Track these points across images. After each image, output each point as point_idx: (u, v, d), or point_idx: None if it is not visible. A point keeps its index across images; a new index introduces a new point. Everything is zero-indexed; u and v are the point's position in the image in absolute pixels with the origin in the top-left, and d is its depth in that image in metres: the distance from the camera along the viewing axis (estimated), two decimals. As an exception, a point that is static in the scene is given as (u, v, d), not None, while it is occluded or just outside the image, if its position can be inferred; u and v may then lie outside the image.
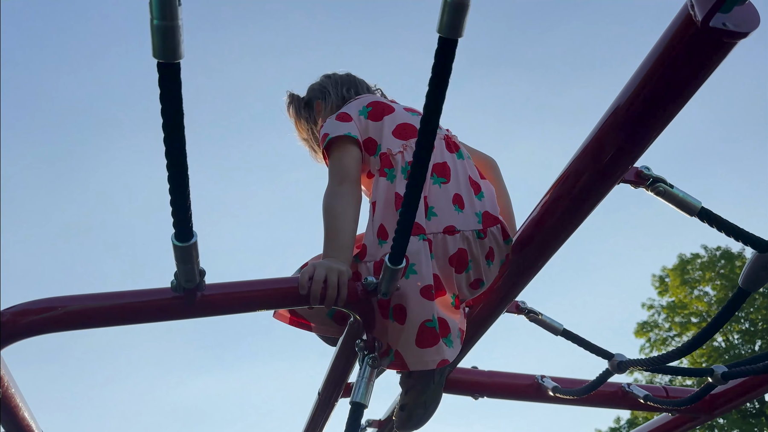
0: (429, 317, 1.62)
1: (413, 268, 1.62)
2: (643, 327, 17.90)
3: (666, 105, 1.31)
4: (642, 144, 1.43)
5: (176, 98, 1.01)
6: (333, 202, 1.69)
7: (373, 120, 1.87)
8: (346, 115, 1.88)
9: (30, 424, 1.66)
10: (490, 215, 1.80)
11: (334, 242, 1.62)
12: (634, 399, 2.65)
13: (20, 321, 1.29)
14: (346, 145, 1.80)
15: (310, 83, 2.18)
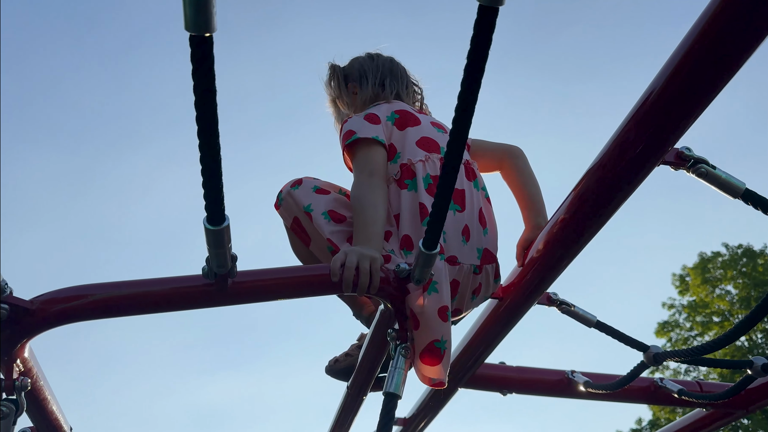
0: (438, 337, 1.61)
1: (435, 286, 1.61)
2: (664, 327, 17.68)
3: (712, 78, 1.26)
4: (683, 123, 1.38)
5: (209, 74, 0.98)
6: (364, 193, 1.70)
7: (398, 128, 1.88)
8: (375, 117, 1.89)
9: (58, 417, 1.64)
10: (489, 253, 1.84)
11: (366, 231, 1.61)
12: (667, 394, 2.58)
13: (49, 309, 1.26)
14: (373, 145, 1.81)
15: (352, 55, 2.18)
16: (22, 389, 1.31)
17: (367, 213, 1.65)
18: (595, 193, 1.57)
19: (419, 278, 1.44)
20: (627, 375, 2.22)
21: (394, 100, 2.04)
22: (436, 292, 1.61)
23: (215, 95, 1.01)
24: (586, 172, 1.58)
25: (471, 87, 1.06)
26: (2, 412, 1.28)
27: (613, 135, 1.51)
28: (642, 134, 1.43)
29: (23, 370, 1.36)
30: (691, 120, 1.39)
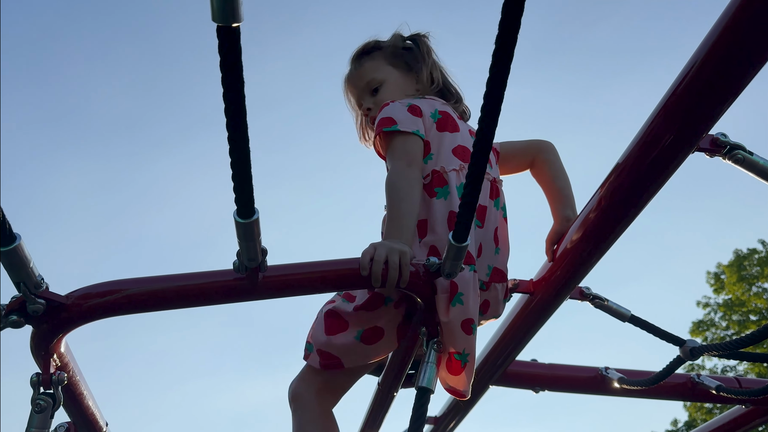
0: (459, 350, 1.60)
1: (461, 297, 1.58)
2: (699, 326, 17.33)
3: (747, 60, 1.23)
4: (718, 108, 1.35)
5: (237, 65, 0.98)
6: (401, 183, 1.66)
7: (438, 129, 1.84)
8: (417, 109, 1.85)
9: (94, 413, 1.66)
10: (499, 271, 1.82)
11: (399, 223, 1.58)
12: (704, 390, 2.52)
13: (84, 304, 1.28)
14: (412, 135, 1.77)
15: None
16: (59, 383, 1.33)
17: (403, 204, 1.61)
18: (628, 183, 1.54)
19: (449, 272, 1.42)
20: (663, 370, 2.18)
21: (436, 97, 2.00)
22: (461, 304, 1.58)
23: (243, 86, 1.01)
24: (619, 161, 1.55)
25: (499, 75, 1.04)
26: (40, 405, 1.30)
27: (645, 122, 1.49)
28: (675, 121, 1.40)
29: (60, 365, 1.38)
30: (725, 105, 1.35)
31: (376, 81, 2.00)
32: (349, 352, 1.69)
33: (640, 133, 1.50)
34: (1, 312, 1.24)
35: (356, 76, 2.04)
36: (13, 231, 1.12)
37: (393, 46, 2.05)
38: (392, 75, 2.01)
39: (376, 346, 1.69)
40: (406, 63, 2.03)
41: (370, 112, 2.00)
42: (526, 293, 2.04)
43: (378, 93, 1.99)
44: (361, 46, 2.08)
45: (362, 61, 2.05)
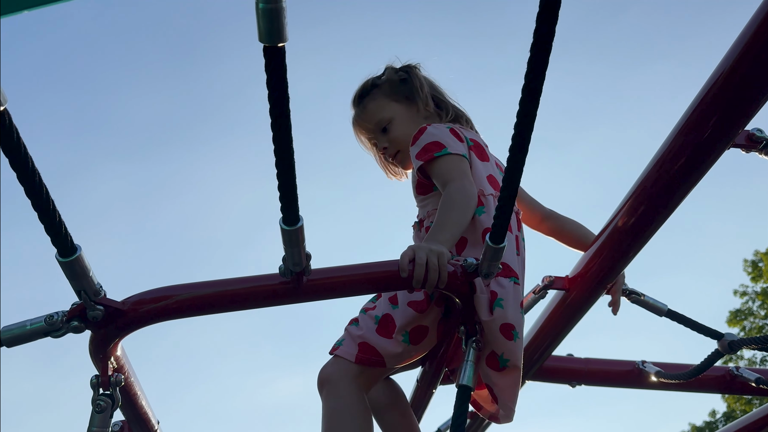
0: (498, 352, 1.65)
1: (500, 302, 1.63)
2: (737, 315, 17.01)
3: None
4: (753, 104, 1.35)
5: (282, 82, 1.03)
6: (462, 198, 1.70)
7: (475, 156, 1.90)
8: (458, 133, 1.90)
9: (147, 412, 1.74)
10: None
11: (443, 230, 1.63)
12: (744, 383, 2.51)
13: (139, 309, 1.35)
14: (462, 157, 1.82)
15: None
16: (117, 385, 1.40)
17: (455, 215, 1.65)
18: (663, 180, 1.55)
19: (487, 272, 1.46)
20: (701, 364, 2.18)
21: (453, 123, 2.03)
22: (501, 308, 1.63)
23: (288, 102, 1.06)
24: (653, 159, 1.57)
25: (536, 71, 1.07)
26: (100, 406, 1.38)
27: (680, 120, 1.50)
28: (710, 117, 1.40)
29: (116, 367, 1.45)
30: (761, 100, 1.36)
31: (385, 120, 2.03)
32: (395, 355, 1.74)
33: (676, 129, 1.51)
34: (63, 318, 1.31)
35: (363, 118, 2.08)
36: (74, 242, 1.19)
37: (389, 81, 2.08)
38: (397, 110, 2.04)
39: (420, 344, 1.74)
40: (406, 96, 2.05)
41: (387, 151, 2.05)
42: (562, 290, 2.06)
43: (389, 131, 2.03)
44: (359, 89, 2.11)
45: (365, 103, 2.08)
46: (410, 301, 1.73)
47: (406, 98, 2.05)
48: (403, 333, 1.72)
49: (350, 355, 1.73)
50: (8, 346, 1.32)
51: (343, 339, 1.78)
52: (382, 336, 1.72)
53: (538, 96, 1.09)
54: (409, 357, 1.78)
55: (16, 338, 1.31)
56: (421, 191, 1.92)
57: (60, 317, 1.30)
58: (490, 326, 1.60)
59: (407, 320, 1.71)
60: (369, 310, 1.81)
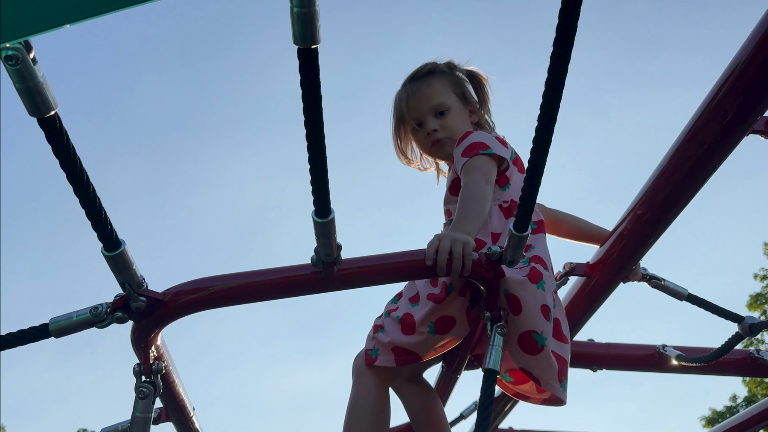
0: (537, 330, 1.69)
1: (543, 285, 1.73)
2: (757, 299, 16.86)
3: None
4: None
5: (315, 81, 1.07)
6: (480, 193, 1.77)
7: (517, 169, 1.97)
8: (505, 143, 2.00)
9: (184, 399, 1.81)
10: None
11: (467, 220, 1.68)
12: (765, 365, 2.53)
13: (179, 300, 1.41)
14: (495, 162, 1.89)
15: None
16: (158, 372, 1.47)
17: (476, 208, 1.72)
18: (682, 167, 1.58)
19: (511, 260, 1.50)
20: (722, 347, 2.21)
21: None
22: (543, 290, 1.71)
23: (321, 101, 1.11)
24: (674, 145, 1.60)
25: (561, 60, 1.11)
26: (143, 392, 1.45)
27: (699, 107, 1.52)
28: (730, 104, 1.43)
29: (157, 355, 1.52)
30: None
31: (445, 105, 2.05)
32: (425, 346, 1.82)
33: (695, 116, 1.53)
34: (107, 309, 1.37)
35: (424, 95, 2.06)
36: (118, 238, 1.25)
37: (453, 74, 2.12)
38: (456, 103, 2.08)
39: (450, 333, 1.80)
40: (464, 94, 2.11)
41: (436, 134, 2.04)
42: (583, 276, 2.10)
43: (444, 117, 2.05)
44: (422, 67, 2.12)
45: (431, 81, 2.08)
46: (428, 294, 1.80)
47: (463, 96, 2.10)
48: (427, 325, 1.79)
49: (389, 362, 1.84)
50: (56, 337, 1.38)
51: (377, 349, 1.87)
52: (407, 334, 1.81)
53: (562, 87, 1.13)
54: (442, 346, 1.85)
55: (64, 329, 1.38)
56: (455, 191, 1.96)
57: (104, 308, 1.37)
58: (530, 304, 1.66)
59: (427, 313, 1.78)
60: (392, 312, 1.90)
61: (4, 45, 0.90)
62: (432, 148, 2.08)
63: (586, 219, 2.22)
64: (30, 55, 0.93)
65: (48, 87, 0.98)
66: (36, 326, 1.38)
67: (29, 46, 0.92)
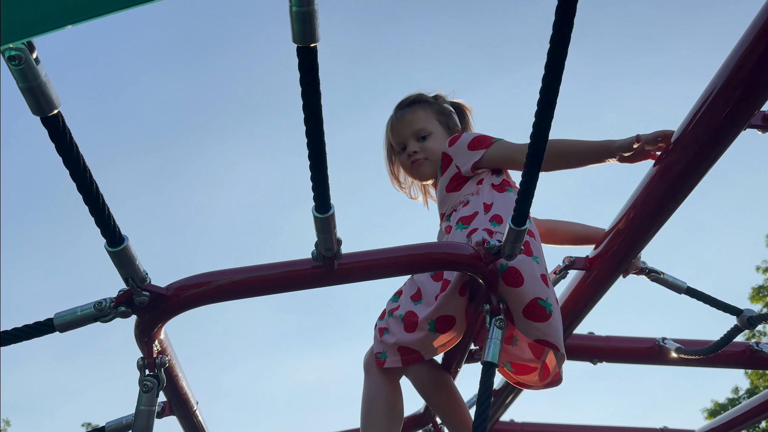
0: (543, 297, 1.75)
1: (536, 258, 1.82)
2: (759, 291, 16.86)
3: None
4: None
5: (314, 79, 1.09)
6: (560, 142, 1.93)
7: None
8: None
9: (187, 393, 1.83)
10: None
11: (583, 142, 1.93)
12: (764, 358, 2.55)
13: (181, 295, 1.43)
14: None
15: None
16: (162, 366, 1.49)
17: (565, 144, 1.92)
18: (680, 161, 1.59)
19: (509, 254, 1.52)
20: (721, 339, 2.22)
21: None
22: (537, 263, 1.81)
23: (320, 99, 1.12)
24: (674, 138, 1.61)
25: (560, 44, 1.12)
26: (147, 386, 1.47)
27: (697, 101, 1.54)
28: (727, 99, 1.44)
29: (160, 349, 1.54)
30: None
31: (427, 131, 2.25)
32: (426, 345, 1.87)
33: (691, 112, 1.55)
34: (111, 304, 1.39)
35: (408, 119, 2.26)
36: (121, 233, 1.27)
37: (440, 106, 2.32)
38: (438, 130, 2.26)
39: (450, 332, 1.86)
40: (448, 124, 2.29)
41: (416, 155, 2.23)
42: (583, 270, 2.11)
43: (426, 140, 2.24)
44: (411, 96, 2.32)
45: (415, 109, 2.28)
46: (431, 291, 1.86)
47: (447, 125, 2.28)
48: (428, 322, 1.84)
49: (396, 362, 1.91)
50: (61, 331, 1.40)
51: (385, 351, 1.93)
52: (410, 333, 1.87)
53: (559, 80, 1.14)
54: (443, 345, 1.91)
55: (68, 324, 1.40)
56: (452, 188, 2.09)
57: (108, 303, 1.39)
58: (529, 273, 1.75)
59: (430, 312, 1.84)
60: (394, 311, 1.95)
61: (7, 45, 0.92)
62: (411, 167, 2.26)
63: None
64: (33, 55, 0.94)
65: (51, 86, 0.99)
66: (41, 321, 1.40)
67: (32, 46, 0.93)
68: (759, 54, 1.36)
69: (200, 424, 1.99)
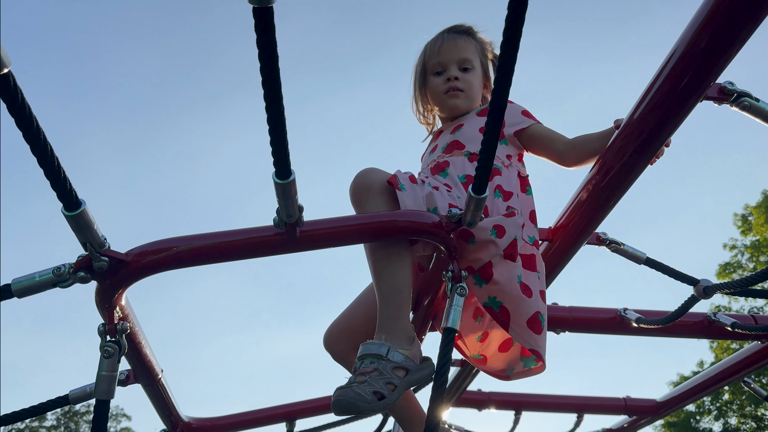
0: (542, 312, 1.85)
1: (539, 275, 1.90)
2: (726, 268, 17.30)
3: (753, 9, 1.29)
4: (724, 56, 1.41)
5: (271, 41, 1.08)
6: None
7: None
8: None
9: (151, 360, 1.83)
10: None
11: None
12: (720, 328, 2.63)
13: (142, 260, 1.42)
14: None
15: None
16: (123, 332, 1.49)
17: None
18: (639, 131, 1.62)
19: (471, 221, 1.54)
20: (678, 309, 2.28)
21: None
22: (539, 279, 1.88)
23: (277, 61, 1.11)
24: (631, 110, 1.63)
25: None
26: (108, 351, 1.47)
27: (654, 74, 1.55)
28: (683, 71, 1.46)
29: (122, 316, 1.53)
30: (731, 54, 1.42)
31: (472, 64, 2.14)
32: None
33: (649, 84, 1.57)
34: (70, 270, 1.38)
35: (458, 46, 2.14)
36: (78, 197, 1.26)
37: (486, 49, 2.21)
38: (479, 70, 2.17)
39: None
40: (487, 71, 2.21)
41: (456, 82, 2.11)
42: (545, 240, 2.15)
43: (467, 72, 2.14)
44: (468, 26, 2.20)
45: (468, 39, 2.17)
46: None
47: (486, 72, 2.20)
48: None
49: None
50: (19, 297, 1.39)
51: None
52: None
53: (515, 57, 1.15)
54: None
55: (26, 289, 1.38)
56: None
57: (67, 269, 1.37)
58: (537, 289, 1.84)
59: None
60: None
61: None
62: (446, 95, 2.13)
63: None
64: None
65: (1, 45, 0.97)
66: (-2, 286, 1.39)
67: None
68: (713, 27, 1.38)
69: (166, 392, 2.00)
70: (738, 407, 16.96)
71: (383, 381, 1.49)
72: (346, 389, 1.45)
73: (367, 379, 1.47)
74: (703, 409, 17.45)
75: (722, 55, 1.38)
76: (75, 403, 1.82)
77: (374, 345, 1.55)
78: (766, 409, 16.56)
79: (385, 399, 1.47)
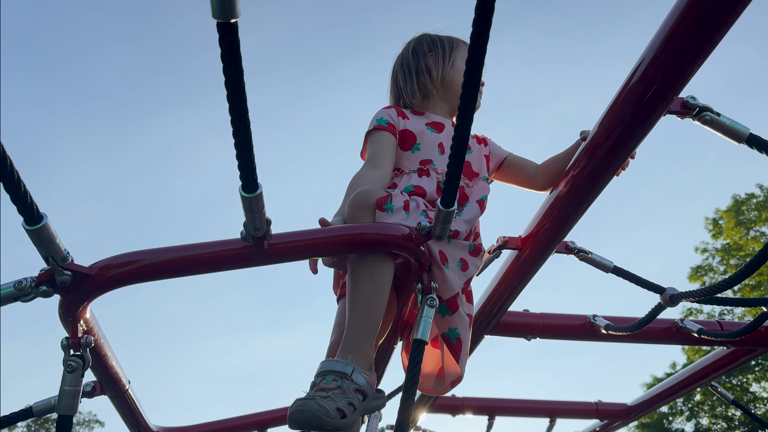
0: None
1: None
2: (697, 271, 17.60)
3: (713, 27, 1.31)
4: (687, 71, 1.43)
5: (236, 56, 1.07)
6: None
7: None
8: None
9: (117, 372, 1.81)
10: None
11: None
12: (687, 334, 2.67)
13: (106, 274, 1.40)
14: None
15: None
16: (87, 346, 1.46)
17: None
18: (605, 143, 1.64)
19: (440, 234, 1.54)
20: (645, 317, 2.32)
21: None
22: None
23: (242, 75, 1.11)
24: (595, 126, 1.65)
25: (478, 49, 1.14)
26: (71, 366, 1.44)
27: (619, 87, 1.58)
28: (647, 85, 1.48)
29: (86, 329, 1.51)
30: (694, 68, 1.44)
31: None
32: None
33: (614, 98, 1.59)
34: (32, 284, 1.36)
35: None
36: (39, 211, 1.24)
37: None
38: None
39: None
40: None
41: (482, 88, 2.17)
42: (515, 249, 2.16)
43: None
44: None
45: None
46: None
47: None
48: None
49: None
50: (-21, 311, 1.36)
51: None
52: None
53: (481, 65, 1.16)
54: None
55: (-13, 303, 1.35)
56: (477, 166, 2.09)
57: (29, 282, 1.35)
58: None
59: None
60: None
61: None
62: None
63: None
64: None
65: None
66: (-43, 301, 1.36)
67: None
68: (678, 42, 1.41)
69: (134, 402, 1.98)
70: (709, 408, 17.25)
71: (346, 401, 1.46)
72: (308, 401, 1.41)
73: (330, 395, 1.45)
74: (675, 410, 17.72)
75: (685, 70, 1.41)
76: (39, 416, 1.78)
77: (339, 363, 1.52)
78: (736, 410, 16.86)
79: (346, 418, 1.43)
